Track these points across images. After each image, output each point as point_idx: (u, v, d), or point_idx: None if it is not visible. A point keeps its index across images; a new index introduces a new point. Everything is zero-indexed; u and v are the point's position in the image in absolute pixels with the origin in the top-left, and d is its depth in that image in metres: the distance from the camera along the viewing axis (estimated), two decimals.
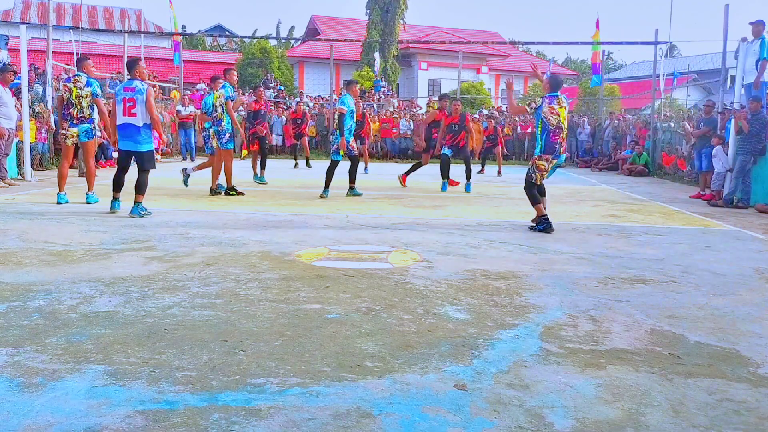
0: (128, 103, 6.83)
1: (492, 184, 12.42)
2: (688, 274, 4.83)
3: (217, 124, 8.93)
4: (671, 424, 2.29)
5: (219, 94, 8.89)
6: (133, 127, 6.86)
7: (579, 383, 2.64)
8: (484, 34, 37.52)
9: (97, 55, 28.90)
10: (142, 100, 6.84)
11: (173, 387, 2.48)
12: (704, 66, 34.07)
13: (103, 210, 7.29)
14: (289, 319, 3.40)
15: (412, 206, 8.58)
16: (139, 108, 6.83)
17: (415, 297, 3.93)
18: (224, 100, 8.87)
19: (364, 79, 27.73)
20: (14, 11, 34.73)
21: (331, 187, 9.30)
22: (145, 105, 6.84)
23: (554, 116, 6.73)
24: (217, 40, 40.47)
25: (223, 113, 8.88)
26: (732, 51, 11.71)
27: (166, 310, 3.50)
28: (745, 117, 9.75)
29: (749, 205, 9.57)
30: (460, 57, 23.69)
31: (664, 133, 16.66)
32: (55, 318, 3.31)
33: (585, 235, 6.57)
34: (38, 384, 2.47)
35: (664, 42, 16.95)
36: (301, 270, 4.59)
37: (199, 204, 8.26)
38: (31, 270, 4.37)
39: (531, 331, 3.31)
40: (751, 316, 3.72)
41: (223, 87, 8.94)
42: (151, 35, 31.05)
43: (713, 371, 2.83)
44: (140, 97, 6.84)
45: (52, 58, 13.25)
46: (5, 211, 7.12)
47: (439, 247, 5.61)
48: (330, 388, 2.51)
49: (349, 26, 34.41)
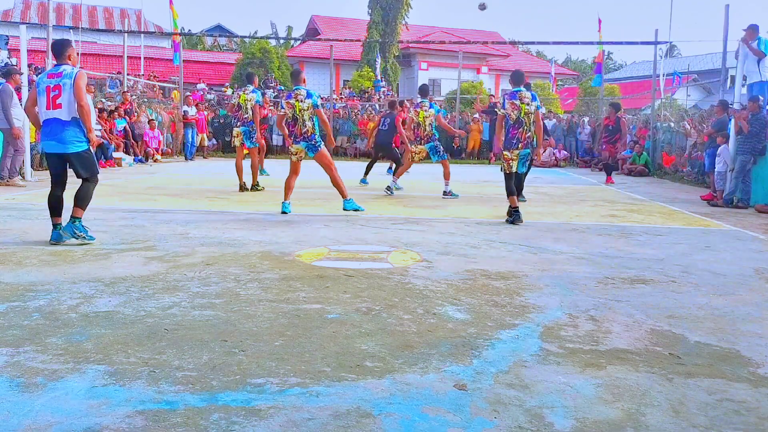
0: (53, 92, 5.25)
1: (492, 184, 12.42)
2: (688, 274, 4.83)
3: (249, 125, 9.90)
4: (671, 424, 2.29)
5: (250, 98, 9.85)
6: (59, 123, 5.25)
7: (579, 383, 2.64)
8: (484, 34, 37.50)
9: (97, 55, 28.97)
10: (69, 86, 5.24)
11: (173, 387, 2.48)
12: (704, 66, 34.06)
13: (102, 210, 7.28)
14: (289, 319, 3.40)
15: (412, 206, 8.58)
16: (65, 97, 5.24)
17: (415, 297, 3.93)
18: (254, 104, 9.88)
19: (364, 79, 27.74)
20: (14, 11, 34.75)
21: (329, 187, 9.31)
22: (73, 92, 5.24)
23: (515, 111, 7.10)
24: (217, 40, 40.46)
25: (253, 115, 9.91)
26: (732, 51, 11.72)
27: (166, 310, 3.50)
28: (745, 117, 9.75)
29: (749, 205, 9.57)
30: (460, 57, 23.69)
31: (664, 133, 16.67)
32: (55, 318, 3.31)
33: (585, 235, 6.57)
34: (38, 384, 2.47)
35: (664, 42, 16.99)
36: (301, 270, 4.59)
37: (199, 204, 8.26)
38: (31, 270, 4.37)
39: (531, 331, 3.31)
40: (751, 316, 3.72)
41: (253, 92, 9.98)
42: (151, 35, 31.07)
43: (713, 371, 2.83)
44: (68, 82, 5.24)
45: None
46: (5, 211, 7.12)
47: (439, 247, 5.61)
48: (330, 388, 2.51)
49: (350, 26, 34.40)
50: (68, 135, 5.27)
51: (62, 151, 5.30)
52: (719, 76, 14.35)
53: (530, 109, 7.18)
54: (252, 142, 9.98)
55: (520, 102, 7.13)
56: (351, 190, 8.07)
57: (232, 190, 10.00)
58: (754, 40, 10.06)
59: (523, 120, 7.14)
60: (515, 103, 7.14)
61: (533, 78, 33.68)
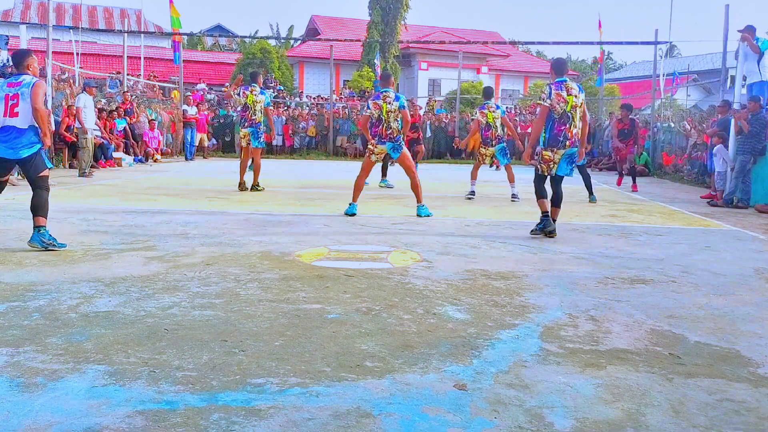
0: (11, 101, 5.28)
1: (492, 184, 12.42)
2: (688, 274, 4.83)
3: (256, 126, 9.92)
4: (671, 424, 2.29)
5: (259, 99, 9.89)
6: (14, 130, 5.23)
7: (579, 383, 2.64)
8: (484, 34, 37.51)
9: (97, 55, 28.97)
10: (27, 95, 5.24)
11: (173, 387, 2.48)
12: (704, 66, 34.03)
13: (102, 210, 7.29)
14: (289, 319, 3.40)
15: (412, 206, 8.57)
16: (23, 106, 5.26)
17: (415, 297, 3.93)
18: (264, 105, 9.98)
19: (364, 79, 27.74)
20: (14, 11, 34.77)
21: (329, 187, 9.34)
22: (30, 99, 5.23)
23: (561, 104, 6.11)
24: (218, 40, 40.47)
25: (262, 116, 9.99)
26: (732, 51, 11.72)
27: (166, 310, 3.50)
28: (745, 117, 9.75)
29: (749, 205, 9.57)
30: (460, 57, 23.71)
31: (665, 133, 16.67)
32: (55, 318, 3.31)
33: (585, 235, 6.57)
34: (38, 384, 2.47)
35: (664, 42, 17.00)
36: (301, 270, 4.59)
37: (199, 204, 8.27)
38: (31, 270, 4.37)
39: (531, 331, 3.31)
40: (751, 316, 3.72)
41: (262, 93, 10.03)
42: (151, 35, 31.06)
43: (713, 371, 2.83)
44: (26, 91, 5.25)
45: (52, 58, 13.25)
46: (5, 211, 7.12)
47: (439, 247, 5.61)
48: (330, 388, 2.51)
49: (349, 26, 34.39)
50: (23, 140, 5.28)
51: (13, 157, 5.31)
52: (719, 76, 14.35)
53: (577, 102, 6.22)
54: (259, 142, 10.05)
55: (567, 93, 6.16)
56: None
57: (232, 190, 10.01)
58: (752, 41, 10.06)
59: (570, 114, 6.16)
60: (561, 95, 6.14)
61: (533, 78, 33.79)
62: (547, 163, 6.26)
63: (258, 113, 9.89)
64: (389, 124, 7.41)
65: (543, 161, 6.30)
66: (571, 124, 6.18)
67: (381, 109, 7.42)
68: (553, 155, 6.23)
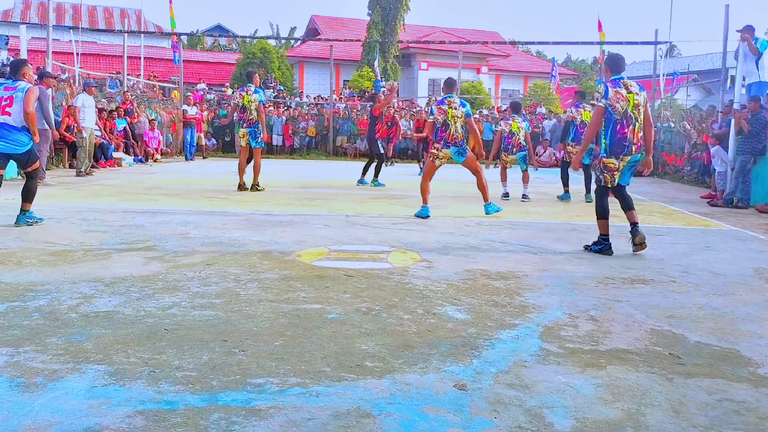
0: (4, 102, 6.05)
1: (492, 184, 12.39)
2: (688, 274, 4.83)
3: (254, 126, 9.97)
4: (671, 424, 2.29)
5: (253, 99, 9.92)
6: (6, 126, 6.03)
7: (579, 383, 2.64)
8: (484, 34, 37.52)
9: (97, 55, 28.95)
10: (21, 98, 6.04)
11: (173, 387, 2.48)
12: (704, 66, 34.02)
13: (102, 210, 7.29)
14: (289, 319, 3.40)
15: (412, 206, 8.57)
16: (16, 107, 6.03)
17: (415, 297, 3.93)
18: (258, 104, 9.99)
19: (364, 79, 27.74)
20: (14, 11, 34.76)
21: (329, 187, 9.35)
22: (23, 102, 6.02)
23: (621, 103, 5.36)
24: (218, 40, 40.47)
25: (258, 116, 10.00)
26: (732, 51, 11.72)
27: (166, 310, 3.50)
28: (746, 117, 9.75)
29: (749, 205, 9.57)
30: (460, 57, 23.72)
31: (665, 133, 16.67)
32: (55, 318, 3.31)
33: (585, 235, 6.57)
34: (38, 384, 2.47)
35: (664, 42, 17.00)
36: (301, 270, 4.59)
37: (199, 204, 8.26)
38: (31, 270, 4.37)
39: (531, 331, 3.31)
40: (751, 316, 3.72)
41: (256, 92, 10.02)
42: (151, 35, 31.06)
43: (713, 371, 2.83)
44: (20, 95, 6.05)
45: (52, 58, 13.25)
46: (5, 211, 7.12)
47: (439, 247, 5.61)
48: (330, 388, 2.51)
49: (349, 26, 34.40)
50: (18, 138, 6.09)
51: (13, 152, 6.15)
52: (719, 76, 14.35)
53: (639, 101, 5.43)
54: (258, 142, 10.10)
55: (626, 91, 5.39)
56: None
57: (232, 190, 10.02)
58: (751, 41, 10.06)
59: (632, 115, 5.37)
60: (621, 93, 5.37)
61: (533, 78, 33.79)
62: (612, 172, 5.50)
63: (254, 113, 9.99)
64: (456, 129, 7.59)
65: (607, 170, 5.52)
66: (635, 125, 5.42)
67: (446, 114, 7.57)
68: (618, 163, 5.47)
